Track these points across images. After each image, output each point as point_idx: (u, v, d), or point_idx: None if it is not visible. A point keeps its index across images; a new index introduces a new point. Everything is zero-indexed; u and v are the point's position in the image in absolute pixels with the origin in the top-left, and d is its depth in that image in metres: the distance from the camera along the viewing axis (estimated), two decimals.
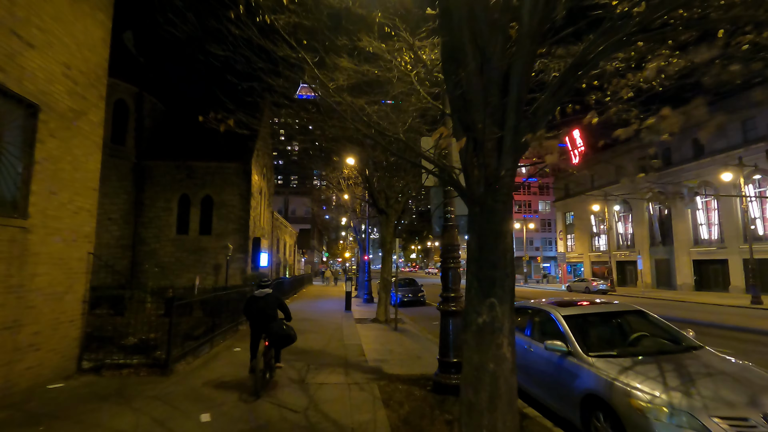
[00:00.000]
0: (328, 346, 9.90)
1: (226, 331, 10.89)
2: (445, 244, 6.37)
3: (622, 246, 45.30)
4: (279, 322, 6.45)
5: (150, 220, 20.13)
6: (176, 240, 20.30)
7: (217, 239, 20.18)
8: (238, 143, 21.09)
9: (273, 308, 6.53)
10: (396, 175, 13.59)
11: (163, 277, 19.45)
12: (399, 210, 14.69)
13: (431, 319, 16.14)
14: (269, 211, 27.11)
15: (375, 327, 13.21)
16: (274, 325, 6.32)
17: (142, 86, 20.91)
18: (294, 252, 47.89)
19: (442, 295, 6.37)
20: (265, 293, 6.61)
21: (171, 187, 20.46)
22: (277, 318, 6.50)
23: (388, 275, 14.81)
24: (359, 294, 25.40)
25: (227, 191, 20.65)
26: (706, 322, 15.58)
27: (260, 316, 6.43)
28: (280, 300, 6.77)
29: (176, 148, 20.97)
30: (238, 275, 19.98)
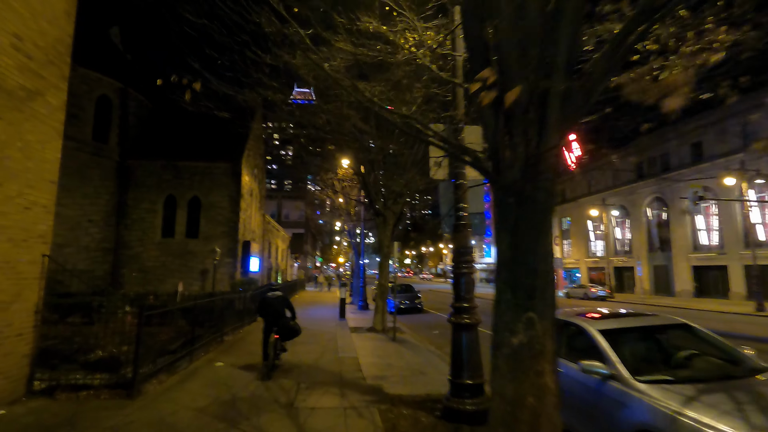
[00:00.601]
0: (322, 360, 8.98)
1: (208, 343, 9.93)
2: (458, 246, 5.52)
3: (620, 252, 44.79)
4: (286, 319, 7.97)
5: (134, 222, 19.10)
6: (161, 243, 19.27)
7: (205, 243, 19.18)
8: (228, 143, 20.20)
9: (282, 308, 8.03)
10: (395, 174, 12.74)
11: (147, 283, 18.39)
12: (397, 212, 13.84)
13: (430, 328, 15.27)
14: (260, 214, 26.14)
15: (372, 337, 12.30)
16: (282, 322, 7.88)
17: (127, 82, 19.95)
18: (287, 257, 46.82)
19: (455, 305, 5.51)
20: (276, 295, 8.22)
21: (157, 187, 19.46)
22: (285, 315, 7.98)
23: (386, 281, 13.93)
24: (353, 300, 24.49)
25: (216, 192, 19.69)
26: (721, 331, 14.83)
27: (272, 314, 7.96)
28: (287, 301, 8.28)
29: (163, 148, 20.00)
30: (226, 281, 18.98)
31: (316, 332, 12.95)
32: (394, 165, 13.07)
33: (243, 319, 13.55)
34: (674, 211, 37.18)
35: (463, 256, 5.49)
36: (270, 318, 7.94)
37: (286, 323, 7.93)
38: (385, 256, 13.95)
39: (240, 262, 20.02)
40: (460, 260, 5.49)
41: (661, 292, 38.42)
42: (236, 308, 13.48)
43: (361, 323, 15.65)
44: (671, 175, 36.96)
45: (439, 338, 12.95)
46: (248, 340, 11.50)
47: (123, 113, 19.55)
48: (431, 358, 9.37)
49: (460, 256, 5.51)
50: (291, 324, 7.97)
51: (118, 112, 19.37)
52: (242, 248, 20.49)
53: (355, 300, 23.99)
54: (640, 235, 41.24)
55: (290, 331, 7.96)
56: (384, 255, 13.93)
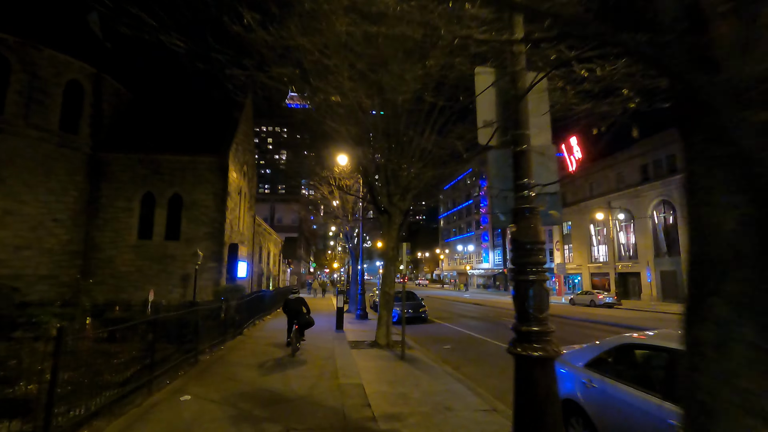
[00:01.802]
0: (317, 388, 7.15)
1: (178, 366, 8.06)
2: (521, 239, 3.75)
3: (624, 257, 43.37)
4: (303, 314, 10.35)
5: (106, 222, 17.15)
6: (138, 246, 17.33)
7: (187, 245, 17.26)
8: (214, 136, 18.39)
9: (299, 306, 10.45)
10: (402, 164, 10.99)
11: (121, 290, 16.47)
12: (404, 209, 12.07)
13: (440, 341, 13.46)
14: (250, 215, 24.24)
15: (376, 355, 10.47)
16: (301, 317, 10.28)
17: (102, 68, 18.09)
18: (279, 262, 44.82)
19: (519, 328, 3.73)
20: (295, 297, 10.80)
21: (133, 183, 17.54)
22: (302, 312, 10.35)
23: (391, 288, 12.12)
24: (350, 309, 22.62)
25: (200, 190, 17.81)
26: None
27: (293, 311, 10.43)
28: (304, 301, 10.69)
29: (141, 140, 18.14)
30: (210, 287, 17.06)
31: (311, 348, 11.10)
32: (400, 155, 11.31)
33: (225, 333, 11.67)
34: (683, 214, 35.72)
35: (530, 255, 3.72)
36: (292, 314, 10.49)
37: (304, 318, 10.35)
38: (389, 261, 12.16)
39: (226, 267, 18.12)
40: (525, 261, 3.71)
41: (669, 299, 36.98)
42: (217, 320, 11.62)
43: (361, 336, 13.82)
44: (678, 176, 35.74)
45: (453, 354, 11.18)
46: (230, 359, 9.62)
47: (96, 101, 17.67)
48: (453, 385, 7.58)
49: (524, 255, 3.73)
50: (307, 318, 10.47)
51: (91, 100, 17.48)
52: (229, 252, 18.59)
53: (352, 308, 22.13)
54: (645, 239, 39.90)
55: (307, 323, 10.47)
56: (389, 259, 12.15)
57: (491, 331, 15.97)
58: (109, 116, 18.35)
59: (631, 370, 4.11)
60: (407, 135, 10.72)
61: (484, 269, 71.28)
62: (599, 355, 4.53)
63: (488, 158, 4.30)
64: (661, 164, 38.89)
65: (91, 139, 17.36)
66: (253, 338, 12.90)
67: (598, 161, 47.33)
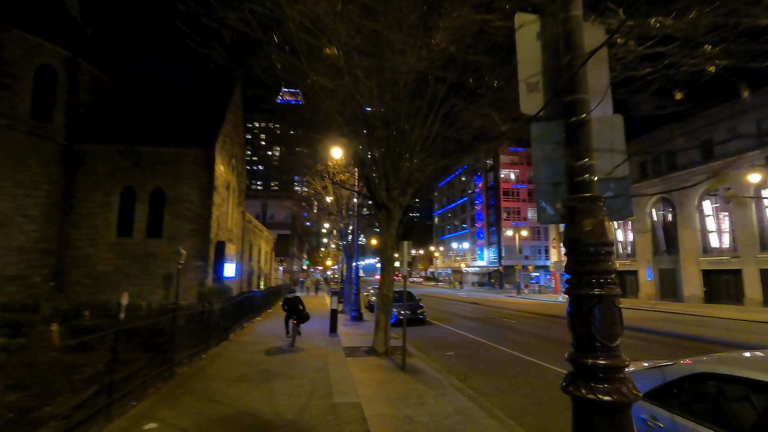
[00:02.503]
0: (309, 410, 6.18)
1: (148, 382, 7.03)
2: (582, 239, 2.79)
3: (621, 255, 42.86)
4: (300, 310, 11.93)
5: (83, 218, 15.97)
6: (117, 244, 16.18)
7: (170, 243, 16.14)
8: (200, 126, 17.26)
9: (297, 304, 12.02)
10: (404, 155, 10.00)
11: (98, 291, 15.35)
12: (404, 204, 11.10)
13: (441, 347, 12.53)
14: (239, 211, 23.10)
15: (374, 364, 9.52)
16: (298, 313, 11.86)
17: (79, 53, 16.83)
18: (270, 260, 43.63)
19: (580, 360, 2.74)
20: (293, 296, 12.36)
21: (112, 176, 16.37)
22: (299, 308, 11.94)
23: (389, 291, 11.17)
24: (344, 309, 21.69)
25: (184, 183, 16.67)
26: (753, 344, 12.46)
27: (291, 308, 11.95)
28: (300, 299, 12.24)
29: (121, 130, 16.95)
30: (194, 288, 15.97)
31: (303, 357, 10.12)
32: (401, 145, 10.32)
33: (208, 339, 10.63)
34: (682, 212, 35.38)
35: (595, 261, 2.75)
36: (290, 310, 11.85)
37: (301, 314, 11.80)
38: (388, 260, 11.19)
39: (212, 266, 17.03)
40: (587, 269, 2.75)
41: (667, 297, 36.51)
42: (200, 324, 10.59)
43: (357, 340, 12.87)
44: (679, 174, 35.21)
45: (458, 363, 10.26)
46: (211, 371, 8.60)
47: (72, 88, 16.43)
48: (463, 403, 6.64)
49: (586, 261, 2.77)
50: (304, 314, 11.92)
51: (65, 87, 16.24)
52: (215, 250, 17.50)
53: (346, 309, 21.19)
54: (643, 237, 39.39)
55: (304, 318, 11.91)
56: (387, 258, 11.18)
57: (494, 334, 15.10)
58: (86, 105, 17.11)
59: (717, 408, 3.18)
60: (409, 122, 9.74)
61: (479, 267, 70.68)
62: (667, 383, 3.60)
63: (532, 134, 3.32)
64: (660, 161, 38.34)
65: (65, 129, 16.13)
66: (239, 344, 11.87)
67: None
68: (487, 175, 70.74)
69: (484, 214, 70.27)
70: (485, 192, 70.80)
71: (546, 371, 9.21)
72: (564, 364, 8.80)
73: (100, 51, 18.56)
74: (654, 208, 38.26)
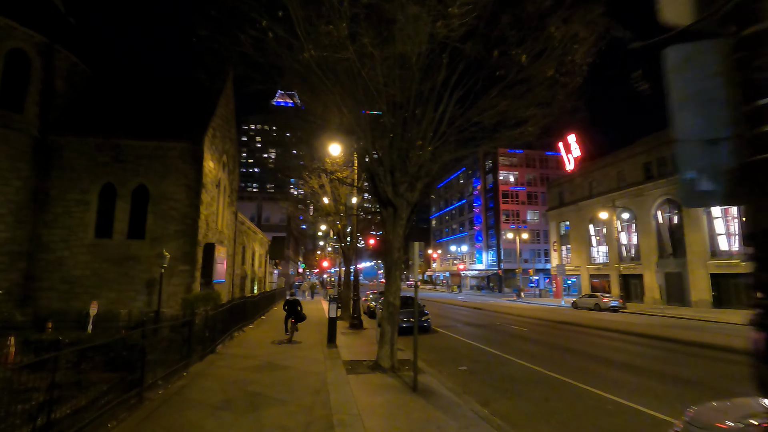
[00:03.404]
0: None
1: (107, 413, 5.74)
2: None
3: (626, 258, 41.86)
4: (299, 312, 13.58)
5: (57, 217, 14.62)
6: (95, 246, 14.82)
7: (153, 245, 14.81)
8: (187, 119, 15.96)
9: (295, 306, 13.60)
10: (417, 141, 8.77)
11: (74, 298, 13.99)
12: (414, 200, 9.90)
13: (451, 359, 11.28)
14: (231, 212, 21.79)
15: (380, 384, 8.27)
16: (297, 314, 13.48)
17: (57, 39, 15.53)
18: (265, 263, 42.24)
19: None
20: (293, 298, 14.35)
21: (90, 172, 15.03)
22: (297, 310, 13.55)
23: (396, 298, 9.93)
24: (343, 315, 20.37)
25: (169, 180, 15.35)
26: None
27: (291, 308, 13.55)
28: (299, 302, 13.97)
29: (101, 122, 15.63)
30: (180, 294, 14.63)
31: (299, 375, 8.83)
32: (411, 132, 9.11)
33: (190, 355, 9.33)
34: (689, 214, 34.37)
35: None
36: (289, 310, 13.50)
37: (299, 314, 13.50)
38: (394, 263, 9.97)
39: (200, 270, 15.70)
40: None
41: (674, 302, 35.44)
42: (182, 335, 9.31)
43: (358, 352, 11.61)
44: None
45: (474, 380, 9.03)
46: (190, 395, 7.30)
47: (47, 77, 15.11)
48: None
49: None
50: (302, 314, 13.67)
51: (40, 75, 14.92)
52: (204, 252, 16.18)
53: (344, 315, 19.89)
54: (649, 240, 38.41)
55: (301, 318, 13.60)
56: (393, 261, 9.95)
57: (507, 344, 13.87)
58: (63, 95, 15.78)
59: None
60: (420, 105, 8.53)
61: (477, 270, 69.54)
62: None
63: (668, 62, 2.07)
64: (666, 162, 37.36)
65: (39, 120, 14.78)
66: (227, 357, 10.57)
67: (598, 159, 45.84)
68: (486, 177, 69.76)
69: (483, 216, 69.22)
70: (484, 194, 69.78)
71: (580, 393, 7.99)
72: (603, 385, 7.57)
73: (80, 38, 17.24)
74: (659, 209, 37.32)
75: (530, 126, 8.25)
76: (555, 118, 8.63)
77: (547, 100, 7.72)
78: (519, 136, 8.17)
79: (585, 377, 9.13)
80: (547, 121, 8.63)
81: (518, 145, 54.35)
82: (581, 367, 10.27)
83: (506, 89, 7.32)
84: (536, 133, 8.82)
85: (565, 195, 51.00)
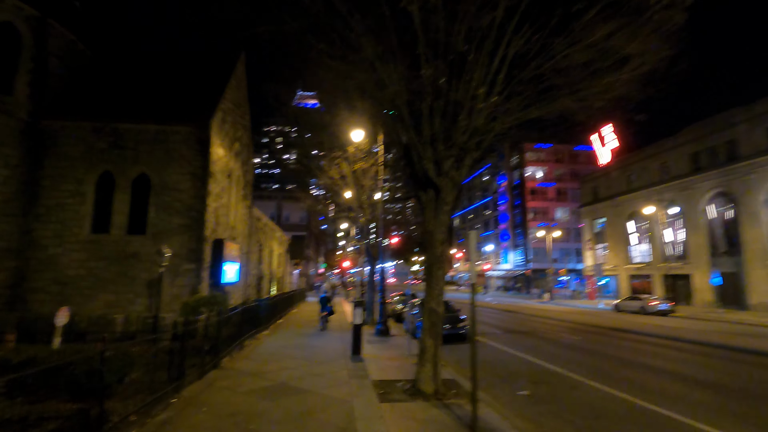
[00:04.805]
0: None
1: None
2: None
3: (671, 257, 38.45)
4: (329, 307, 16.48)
5: (50, 210, 13.15)
6: (91, 242, 13.29)
7: (155, 241, 13.15)
8: (194, 100, 14.27)
9: (326, 302, 16.41)
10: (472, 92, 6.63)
11: (66, 300, 12.44)
12: (460, 180, 7.81)
13: (506, 379, 9.04)
14: (245, 206, 20.09)
15: (425, 419, 6.21)
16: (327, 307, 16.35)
17: (50, 13, 14.08)
18: (284, 262, 40.73)
19: None
20: (326, 296, 17.02)
21: (86, 160, 13.52)
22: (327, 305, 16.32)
23: (439, 304, 7.86)
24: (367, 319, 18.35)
25: (173, 168, 13.70)
26: None
27: (324, 305, 16.25)
28: (329, 298, 17.23)
29: (100, 106, 14.10)
30: (184, 296, 12.90)
31: (314, 403, 6.84)
32: (460, 88, 6.99)
33: (182, 375, 7.47)
34: (746, 208, 31.06)
35: None
36: (322, 306, 16.34)
37: (330, 309, 16.54)
38: (437, 260, 7.88)
39: (208, 269, 13.98)
40: None
41: (729, 305, 31.98)
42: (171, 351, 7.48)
43: (388, 367, 9.59)
44: (740, 165, 31.00)
45: (545, 414, 6.81)
46: None
47: (40, 55, 13.68)
48: None
49: None
50: (332, 309, 16.87)
51: (32, 52, 13.49)
52: (213, 250, 14.45)
53: (369, 319, 17.89)
54: (698, 237, 35.09)
55: (331, 312, 16.63)
56: (436, 258, 7.87)
57: (566, 358, 11.55)
58: (59, 75, 14.37)
59: None
60: (472, 48, 6.39)
61: (503, 270, 66.65)
62: None
63: None
64: (717, 151, 34.00)
65: (30, 102, 13.35)
66: (232, 375, 8.68)
67: (638, 151, 42.51)
68: (512, 173, 66.78)
69: (509, 214, 66.24)
70: (510, 191, 66.82)
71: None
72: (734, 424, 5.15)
73: (79, 15, 15.84)
74: (711, 203, 33.97)
75: (627, 72, 6.03)
76: (651, 69, 6.42)
77: (659, 26, 5.56)
78: (610, 88, 5.99)
79: (694, 410, 6.84)
80: (644, 70, 6.39)
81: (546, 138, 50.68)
82: (680, 394, 7.96)
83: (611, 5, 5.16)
84: (620, 94, 6.59)
85: (601, 190, 47.78)
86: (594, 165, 57.10)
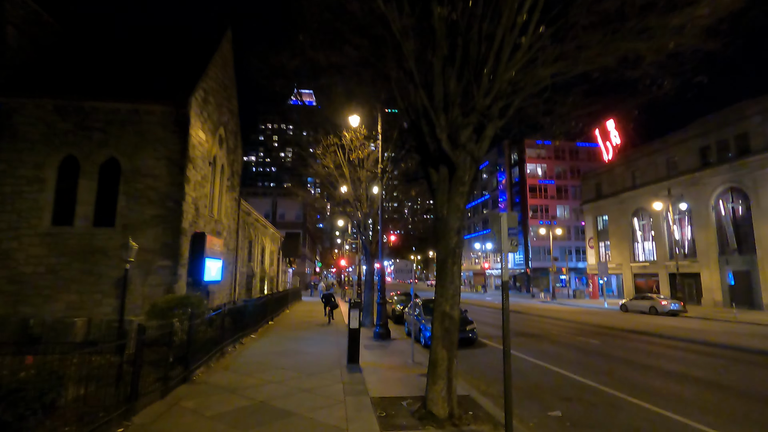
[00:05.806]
0: None
1: None
2: None
3: (678, 255, 37.18)
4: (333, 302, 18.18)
5: (4, 199, 11.59)
6: (51, 235, 11.74)
7: (125, 234, 11.60)
8: (172, 78, 12.74)
9: (331, 297, 18.20)
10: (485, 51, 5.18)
11: (22, 301, 10.89)
12: (480, 155, 6.36)
13: (531, 396, 7.55)
14: (232, 198, 18.54)
15: None
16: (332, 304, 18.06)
17: None
18: (278, 261, 39.15)
19: None
20: (328, 293, 18.65)
21: (47, 143, 11.97)
22: (332, 301, 18.13)
23: (454, 308, 6.40)
24: (364, 322, 16.89)
25: (147, 152, 12.17)
26: None
27: (327, 300, 18.10)
28: (333, 295, 18.60)
29: (66, 83, 12.56)
30: (158, 296, 11.36)
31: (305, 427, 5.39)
32: (479, 37, 5.55)
33: (135, 395, 5.98)
34: (759, 204, 29.86)
35: None
36: (326, 301, 18.08)
37: (334, 303, 18.09)
38: (451, 252, 6.43)
39: (187, 265, 12.47)
40: None
41: (740, 305, 30.71)
42: (120, 367, 6.00)
43: (391, 380, 8.13)
44: (752, 159, 29.81)
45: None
46: None
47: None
48: None
49: None
50: (336, 305, 18.11)
51: None
52: (192, 244, 12.93)
53: (366, 321, 16.46)
54: (707, 234, 33.89)
55: (335, 307, 18.00)
56: (450, 250, 6.42)
57: (592, 367, 10.12)
58: (19, 49, 12.82)
59: None
60: None
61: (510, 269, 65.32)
62: None
63: None
64: (727, 145, 32.77)
65: None
66: (203, 392, 7.16)
67: (643, 146, 41.25)
68: (512, 170, 65.52)
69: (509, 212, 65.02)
70: (510, 189, 65.57)
71: None
72: None
73: None
74: (721, 199, 32.75)
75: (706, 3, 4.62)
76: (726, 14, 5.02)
77: None
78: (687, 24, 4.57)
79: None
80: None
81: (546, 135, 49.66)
82: (742, 413, 6.56)
83: None
84: (662, 48, 5.20)
85: (604, 186, 46.57)
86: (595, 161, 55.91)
